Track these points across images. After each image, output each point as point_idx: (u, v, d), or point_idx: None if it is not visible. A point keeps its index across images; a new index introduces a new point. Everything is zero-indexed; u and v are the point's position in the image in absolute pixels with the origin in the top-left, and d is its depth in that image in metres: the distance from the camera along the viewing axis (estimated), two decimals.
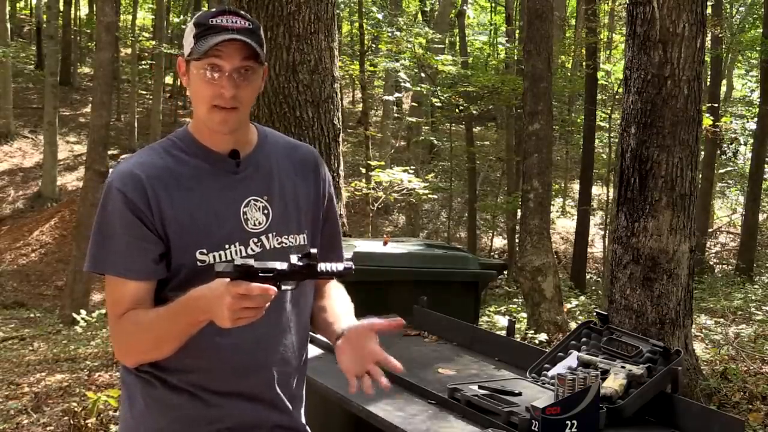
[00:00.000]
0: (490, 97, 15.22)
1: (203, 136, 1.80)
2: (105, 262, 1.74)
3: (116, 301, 1.74)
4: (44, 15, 22.88)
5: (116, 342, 1.81)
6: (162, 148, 1.81)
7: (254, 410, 1.81)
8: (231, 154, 1.80)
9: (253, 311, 1.57)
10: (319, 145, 4.87)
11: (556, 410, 2.32)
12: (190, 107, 17.43)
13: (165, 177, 1.74)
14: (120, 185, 1.72)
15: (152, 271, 1.72)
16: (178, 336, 1.70)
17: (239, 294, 1.54)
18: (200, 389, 1.77)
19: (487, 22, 28.27)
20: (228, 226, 1.76)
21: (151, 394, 1.79)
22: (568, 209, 20.13)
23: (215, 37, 1.69)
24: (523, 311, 9.19)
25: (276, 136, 1.94)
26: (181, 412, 1.77)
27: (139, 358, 1.78)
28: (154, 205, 1.71)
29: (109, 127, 12.96)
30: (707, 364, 5.98)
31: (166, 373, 1.76)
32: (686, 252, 4.35)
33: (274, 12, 4.80)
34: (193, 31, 1.74)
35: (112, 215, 1.72)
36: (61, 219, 18.33)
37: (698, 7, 4.35)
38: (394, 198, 12.56)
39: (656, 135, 4.31)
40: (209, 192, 1.76)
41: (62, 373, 7.21)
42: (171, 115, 24.39)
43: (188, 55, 1.74)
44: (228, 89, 1.71)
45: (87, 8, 30.89)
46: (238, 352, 1.76)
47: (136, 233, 1.70)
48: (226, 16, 1.73)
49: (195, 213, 1.74)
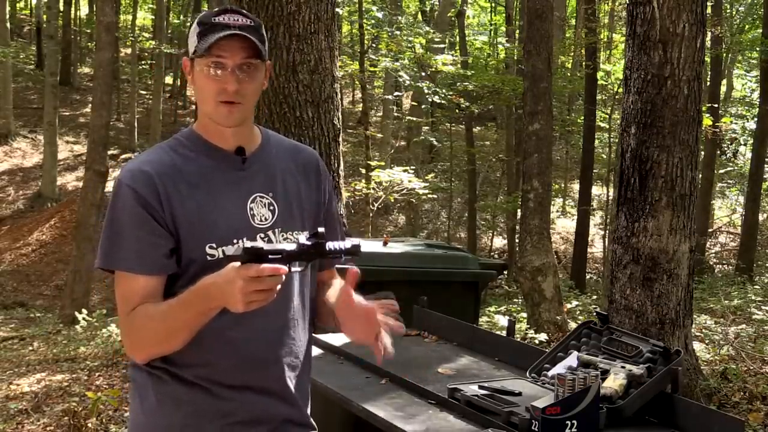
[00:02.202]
0: (490, 97, 15.22)
1: (209, 134, 1.83)
2: (116, 258, 1.76)
3: (127, 297, 1.76)
4: (44, 15, 22.89)
5: (127, 337, 1.82)
6: (168, 146, 1.84)
7: (265, 403, 1.83)
8: (237, 151, 1.84)
9: (265, 293, 1.58)
10: (319, 145, 4.87)
11: (556, 410, 2.32)
12: (190, 107, 17.54)
13: (173, 174, 1.77)
14: (130, 182, 1.74)
15: (163, 265, 1.74)
16: (189, 326, 1.70)
17: (250, 277, 1.55)
18: (212, 383, 1.78)
19: (487, 22, 28.27)
20: (235, 222, 1.79)
21: (162, 390, 1.80)
22: (568, 209, 20.12)
23: (217, 34, 1.73)
24: (523, 311, 9.20)
25: (279, 138, 1.98)
26: (193, 406, 1.79)
27: (150, 351, 1.78)
28: (165, 200, 1.74)
29: (109, 127, 12.95)
30: (707, 364, 5.98)
31: (177, 368, 1.78)
32: (686, 252, 4.35)
33: (274, 12, 4.80)
34: (197, 29, 1.77)
35: (123, 212, 1.74)
36: (61, 219, 18.33)
37: (698, 7, 4.35)
38: (394, 198, 12.56)
39: (656, 135, 4.31)
40: (216, 188, 1.79)
41: (62, 373, 7.21)
42: (171, 115, 24.40)
43: (192, 53, 1.78)
44: (231, 84, 1.75)
45: (87, 8, 30.89)
46: (249, 346, 1.78)
47: (146, 228, 1.73)
48: (228, 15, 1.76)
49: (203, 209, 1.76)
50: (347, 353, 3.22)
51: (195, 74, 1.79)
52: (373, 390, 2.82)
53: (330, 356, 3.28)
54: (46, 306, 14.45)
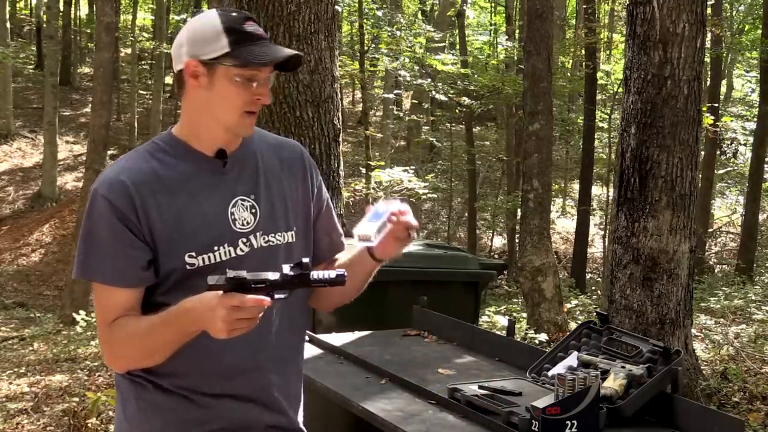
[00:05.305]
0: (490, 96, 15.23)
1: (193, 139, 1.79)
2: (93, 269, 1.74)
3: (105, 308, 1.75)
4: (44, 15, 22.88)
5: (106, 349, 1.81)
6: (147, 151, 1.79)
7: (246, 411, 1.81)
8: (218, 154, 1.80)
9: (248, 322, 1.58)
10: (319, 145, 4.87)
11: (556, 410, 2.32)
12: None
13: (151, 182, 1.73)
14: (106, 192, 1.71)
15: (140, 278, 1.72)
16: (169, 345, 1.70)
17: (233, 306, 1.54)
18: (191, 392, 1.77)
19: (487, 23, 28.26)
20: (216, 228, 1.76)
21: (143, 397, 1.79)
22: (568, 209, 20.12)
23: (257, 46, 1.72)
24: (523, 311, 9.20)
25: (261, 133, 1.93)
26: (173, 414, 1.78)
27: (129, 364, 1.78)
28: (141, 211, 1.70)
29: (109, 127, 12.94)
30: (707, 364, 5.99)
31: (157, 377, 1.77)
32: (686, 252, 4.35)
33: (274, 12, 4.80)
34: (226, 36, 1.71)
35: (99, 223, 1.71)
36: (61, 219, 18.33)
37: (698, 7, 4.35)
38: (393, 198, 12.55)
39: (656, 135, 4.31)
40: (196, 194, 1.76)
41: (62, 373, 7.21)
42: (171, 115, 24.39)
43: (215, 58, 1.71)
44: (267, 97, 1.76)
45: (87, 8, 30.89)
46: (229, 354, 1.76)
47: (123, 241, 1.70)
48: (252, 23, 1.75)
49: (182, 216, 1.73)
50: (347, 353, 3.22)
51: (217, 81, 1.73)
52: (373, 390, 2.82)
53: (330, 356, 3.28)
54: (46, 306, 14.45)
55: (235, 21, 1.73)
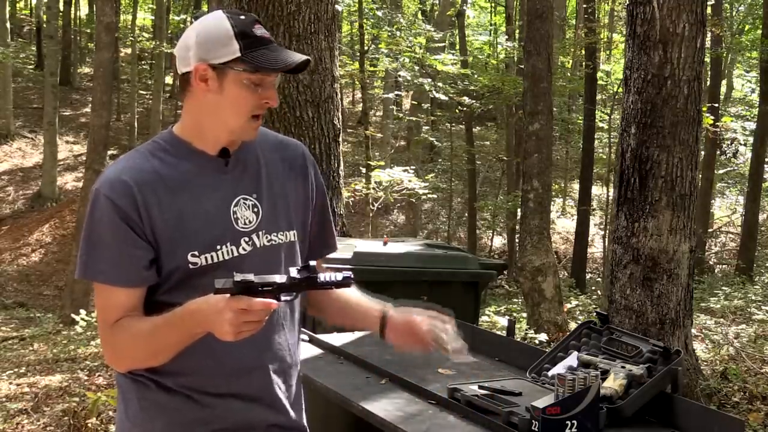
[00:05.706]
0: (490, 96, 15.23)
1: (195, 140, 1.79)
2: (95, 269, 1.73)
3: (107, 309, 1.74)
4: (44, 15, 22.87)
5: (108, 349, 1.80)
6: (148, 151, 1.79)
7: (250, 410, 1.81)
8: (221, 153, 1.79)
9: (254, 324, 1.58)
10: (319, 145, 4.87)
11: (556, 410, 2.32)
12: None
13: (153, 181, 1.72)
14: (108, 192, 1.70)
15: (143, 278, 1.72)
16: (173, 347, 1.70)
17: (241, 309, 1.55)
18: (195, 391, 1.76)
19: (487, 23, 28.26)
20: (218, 227, 1.75)
21: (146, 397, 1.78)
22: (568, 209, 20.13)
23: (269, 50, 1.72)
24: (523, 311, 9.20)
25: (263, 132, 1.92)
26: (175, 413, 1.77)
27: (132, 365, 1.78)
28: (143, 210, 1.70)
29: (109, 127, 12.95)
30: (707, 364, 5.99)
31: (160, 376, 1.76)
32: (686, 252, 4.35)
33: (274, 12, 4.81)
34: (237, 41, 1.70)
35: (101, 223, 1.71)
36: (61, 219, 18.33)
37: (698, 7, 4.35)
38: (393, 198, 12.57)
39: (656, 135, 4.31)
40: (198, 193, 1.76)
41: (62, 373, 7.21)
42: (171, 115, 24.39)
43: (225, 62, 1.70)
44: (275, 100, 1.76)
45: (87, 8, 30.89)
46: (232, 353, 1.75)
47: (125, 240, 1.69)
48: (259, 26, 1.75)
49: (185, 216, 1.73)
50: (347, 353, 3.22)
51: (227, 85, 1.72)
52: (373, 390, 2.81)
53: (330, 356, 3.28)
54: (46, 306, 14.45)
55: (245, 25, 1.72)
